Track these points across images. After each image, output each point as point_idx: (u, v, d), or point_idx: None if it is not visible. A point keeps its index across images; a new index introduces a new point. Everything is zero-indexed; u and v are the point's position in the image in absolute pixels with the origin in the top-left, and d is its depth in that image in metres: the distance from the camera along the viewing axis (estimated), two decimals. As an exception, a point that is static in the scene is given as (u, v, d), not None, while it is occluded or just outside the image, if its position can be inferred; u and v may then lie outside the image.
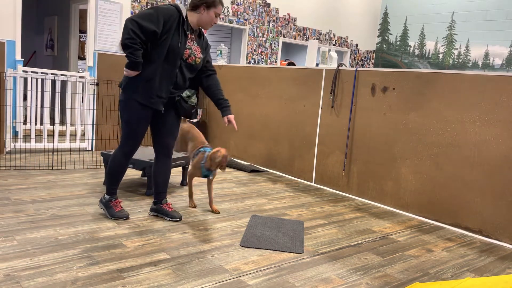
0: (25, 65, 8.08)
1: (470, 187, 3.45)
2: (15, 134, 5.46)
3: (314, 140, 4.70)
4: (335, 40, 10.04)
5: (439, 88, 3.65)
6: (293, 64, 5.81)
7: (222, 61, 6.22)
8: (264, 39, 8.75)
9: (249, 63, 8.58)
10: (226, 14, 8.07)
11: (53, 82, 6.56)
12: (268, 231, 3.09)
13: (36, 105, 5.18)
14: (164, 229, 2.98)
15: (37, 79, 5.04)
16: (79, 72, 6.89)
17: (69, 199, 3.44)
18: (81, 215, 3.10)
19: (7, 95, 4.72)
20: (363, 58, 10.82)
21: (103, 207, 3.13)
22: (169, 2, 7.22)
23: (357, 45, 10.57)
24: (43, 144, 5.11)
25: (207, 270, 2.40)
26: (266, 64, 8.89)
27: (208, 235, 2.95)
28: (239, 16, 8.27)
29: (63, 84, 6.55)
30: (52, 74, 5.10)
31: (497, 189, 3.30)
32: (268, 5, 8.70)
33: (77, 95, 5.42)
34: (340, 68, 4.44)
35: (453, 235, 3.40)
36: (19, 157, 4.76)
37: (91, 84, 5.25)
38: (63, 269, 2.26)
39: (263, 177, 4.86)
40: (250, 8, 8.41)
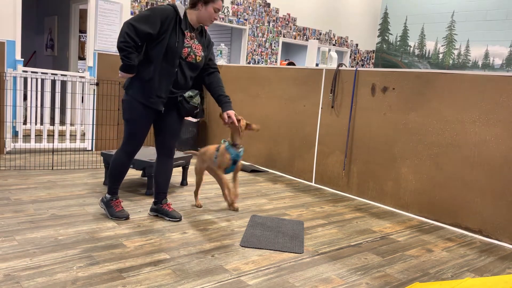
0: (25, 65, 8.07)
1: (470, 187, 3.45)
2: (15, 134, 5.46)
3: (314, 140, 4.70)
4: (335, 40, 10.04)
5: (439, 88, 3.65)
6: (293, 64, 5.81)
7: (222, 61, 6.22)
8: (264, 39, 8.75)
9: (249, 63, 8.58)
10: (226, 14, 8.07)
11: (53, 82, 6.56)
12: (268, 231, 3.09)
13: (36, 105, 5.18)
14: (164, 229, 2.98)
15: (37, 79, 5.04)
16: (79, 72, 6.90)
17: (69, 199, 3.44)
18: (81, 215, 3.10)
19: (7, 95, 4.72)
20: (363, 58, 10.82)
21: (104, 206, 3.14)
22: (168, 1, 7.22)
23: (357, 45, 10.57)
24: (43, 144, 5.11)
25: (207, 270, 2.40)
26: (266, 64, 8.89)
27: (208, 235, 2.95)
28: (239, 16, 8.27)
29: (63, 84, 6.54)
30: (52, 74, 5.10)
31: (497, 189, 3.30)
32: (268, 5, 8.70)
33: (77, 95, 5.42)
34: (340, 68, 4.44)
35: (453, 235, 3.40)
36: (19, 157, 4.76)
37: (91, 84, 5.25)
38: (63, 269, 2.26)
39: (263, 177, 4.86)
40: (250, 8, 8.41)
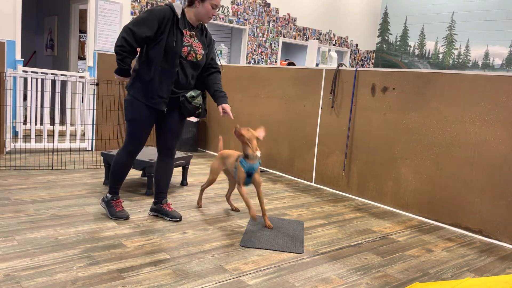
0: (25, 65, 8.07)
1: (470, 187, 3.45)
2: (15, 134, 5.46)
3: (314, 140, 4.70)
4: (335, 40, 10.04)
5: (439, 88, 3.65)
6: (293, 64, 5.81)
7: (222, 61, 6.22)
8: (264, 39, 8.75)
9: (249, 63, 8.58)
10: (226, 14, 8.07)
11: (53, 82, 6.56)
12: (268, 231, 3.09)
13: (36, 105, 5.17)
14: (164, 229, 2.98)
15: (37, 79, 5.04)
16: (79, 72, 6.90)
17: (69, 199, 3.44)
18: (81, 215, 3.10)
19: (7, 95, 4.72)
20: (363, 58, 10.82)
21: (105, 206, 3.14)
22: (169, 1, 7.21)
23: (357, 45, 10.57)
24: (43, 144, 5.11)
25: (207, 270, 2.40)
26: (266, 64, 8.88)
27: (208, 235, 2.95)
28: (239, 16, 8.27)
29: (63, 84, 6.54)
30: (52, 74, 5.10)
31: (497, 189, 3.30)
32: (268, 5, 8.70)
33: (77, 95, 5.42)
34: (340, 68, 4.44)
35: (453, 235, 3.40)
36: (19, 157, 4.76)
37: (91, 84, 5.25)
38: (63, 269, 2.26)
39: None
40: (250, 8, 8.41)
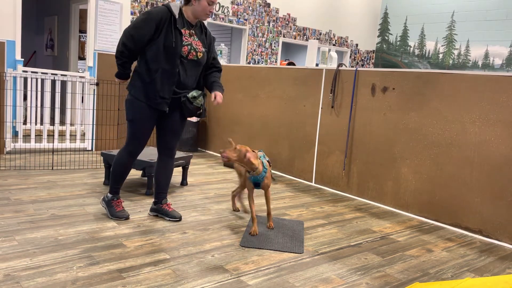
0: (25, 65, 8.08)
1: (470, 187, 3.45)
2: (15, 134, 5.46)
3: (314, 140, 4.70)
4: (335, 40, 10.04)
5: (439, 88, 3.65)
6: (293, 64, 5.81)
7: (222, 61, 6.22)
8: (264, 39, 8.75)
9: (249, 63, 8.58)
10: (226, 14, 8.07)
11: (53, 82, 6.56)
12: (268, 231, 3.09)
13: (36, 105, 5.17)
14: (164, 229, 2.98)
15: (37, 79, 5.04)
16: (79, 72, 6.90)
17: (69, 199, 3.44)
18: (81, 215, 3.10)
19: (7, 95, 4.72)
20: (363, 58, 10.82)
21: (105, 206, 3.14)
22: (169, 1, 7.21)
23: (357, 45, 10.57)
24: (43, 144, 5.11)
25: (207, 270, 2.40)
26: (266, 64, 8.88)
27: (208, 235, 2.94)
28: (239, 16, 8.27)
29: (63, 84, 6.55)
30: (52, 74, 5.09)
31: (497, 189, 3.30)
32: (268, 5, 8.70)
33: (77, 95, 5.42)
34: (340, 68, 4.44)
35: (453, 235, 3.40)
36: (19, 157, 4.76)
37: (91, 84, 5.25)
38: (63, 269, 2.26)
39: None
40: (250, 8, 8.41)
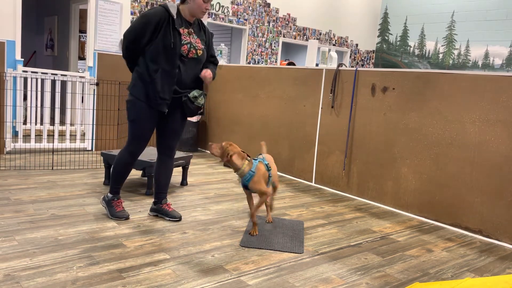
0: (25, 65, 8.08)
1: (470, 187, 3.45)
2: (15, 134, 5.46)
3: (314, 140, 4.70)
4: (335, 40, 10.04)
5: (439, 88, 3.65)
6: (293, 64, 5.81)
7: (222, 61, 6.21)
8: (264, 39, 8.75)
9: (249, 63, 8.58)
10: (226, 14, 8.07)
11: (53, 82, 6.56)
12: (268, 231, 3.09)
13: (36, 105, 5.17)
14: (164, 229, 2.98)
15: (37, 79, 5.04)
16: (79, 72, 6.89)
17: (69, 199, 3.44)
18: (81, 215, 3.10)
19: (7, 95, 4.72)
20: (363, 58, 10.82)
21: (105, 205, 3.14)
22: (168, 1, 7.21)
23: (357, 45, 10.57)
24: (43, 144, 5.11)
25: (207, 270, 2.40)
26: (266, 64, 8.88)
27: (208, 235, 2.94)
28: (239, 16, 8.27)
29: (63, 84, 6.54)
30: (52, 74, 5.09)
31: (497, 189, 3.30)
32: (268, 5, 8.70)
33: (77, 95, 5.42)
34: (340, 68, 4.44)
35: (453, 235, 3.40)
36: (19, 157, 4.76)
37: (91, 84, 5.25)
38: (63, 269, 2.26)
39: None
40: (250, 8, 8.41)
